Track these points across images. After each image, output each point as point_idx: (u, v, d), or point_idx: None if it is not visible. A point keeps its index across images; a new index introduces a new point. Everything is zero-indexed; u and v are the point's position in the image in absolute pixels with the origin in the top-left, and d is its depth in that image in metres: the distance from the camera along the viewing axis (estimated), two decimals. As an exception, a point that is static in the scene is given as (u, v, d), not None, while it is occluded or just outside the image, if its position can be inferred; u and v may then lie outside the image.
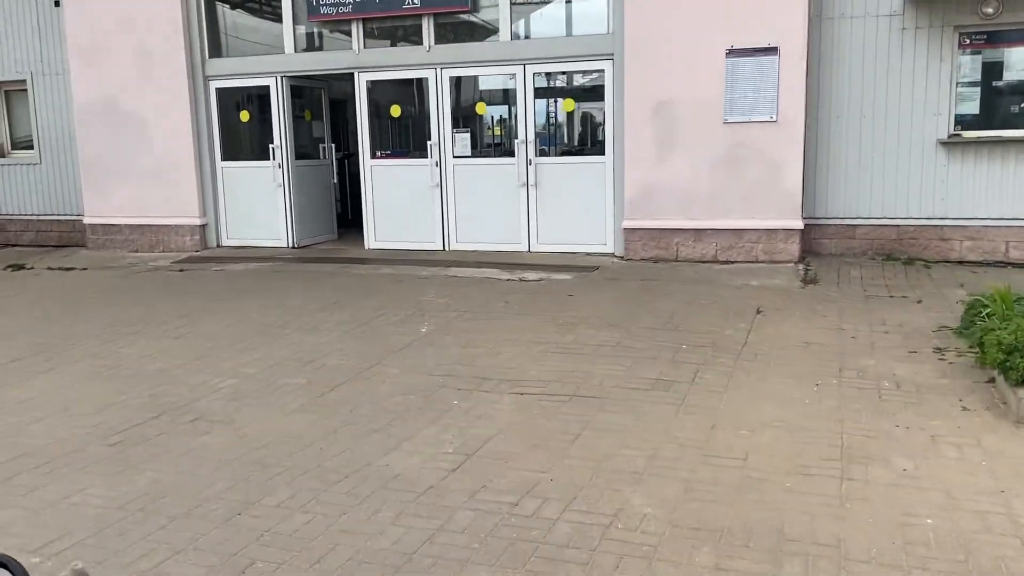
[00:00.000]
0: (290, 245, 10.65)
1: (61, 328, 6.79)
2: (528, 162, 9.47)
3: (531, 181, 9.49)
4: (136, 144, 10.79)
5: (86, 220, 11.30)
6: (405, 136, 10.59)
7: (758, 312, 6.58)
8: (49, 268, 10.06)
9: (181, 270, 9.54)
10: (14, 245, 12.21)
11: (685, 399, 4.64)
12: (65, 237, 11.87)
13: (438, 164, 9.86)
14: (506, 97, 10.00)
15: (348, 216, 12.84)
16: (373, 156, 10.20)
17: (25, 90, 11.79)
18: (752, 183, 8.56)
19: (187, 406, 4.77)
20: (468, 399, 4.75)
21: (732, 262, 8.69)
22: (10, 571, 1.13)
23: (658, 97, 8.74)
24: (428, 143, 9.84)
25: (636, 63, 8.77)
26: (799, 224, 8.54)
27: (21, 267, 10.21)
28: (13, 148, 12.28)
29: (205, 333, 6.45)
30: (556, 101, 9.83)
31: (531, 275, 8.45)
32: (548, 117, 9.88)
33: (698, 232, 8.81)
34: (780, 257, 8.58)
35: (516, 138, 9.50)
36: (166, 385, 5.18)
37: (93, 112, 10.94)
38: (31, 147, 11.96)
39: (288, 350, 5.89)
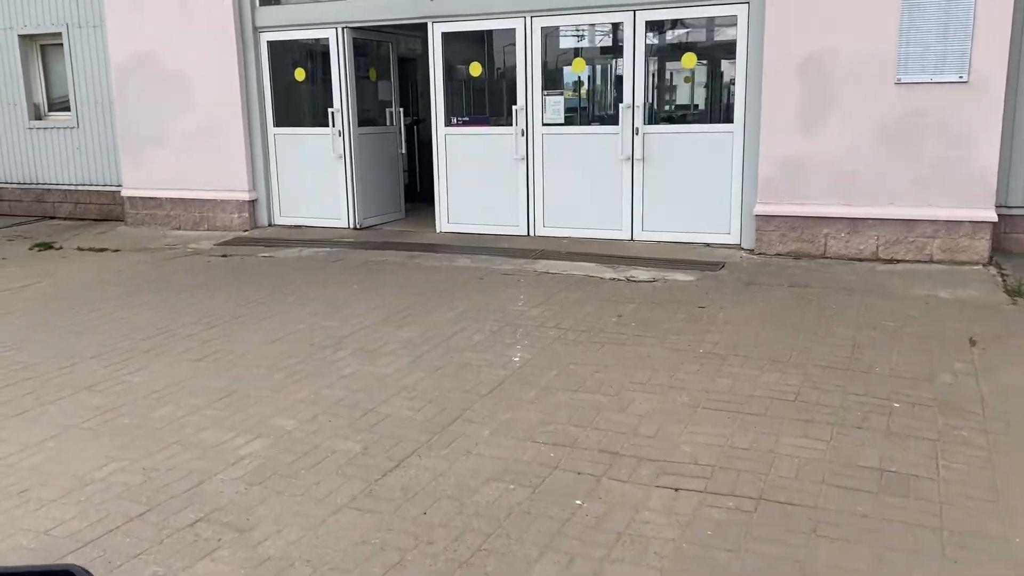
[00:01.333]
0: (351, 225, 9.20)
1: (60, 341, 5.44)
2: (634, 131, 7.77)
3: (637, 154, 7.79)
4: (178, 106, 9.43)
5: (124, 192, 10.05)
6: (485, 100, 8.97)
7: (972, 343, 4.81)
8: (79, 249, 8.82)
9: (224, 255, 8.17)
10: (52, 217, 11.09)
11: (942, 515, 2.98)
12: (105, 210, 10.68)
13: (524, 133, 8.22)
14: (610, 52, 8.27)
15: (417, 189, 11.36)
16: (448, 123, 8.61)
17: (61, 44, 10.55)
18: (930, 161, 6.70)
19: (190, 493, 3.31)
20: (596, 494, 3.18)
21: (898, 261, 6.87)
22: None
23: (807, 49, 6.91)
24: (513, 108, 8.21)
25: (779, 5, 6.94)
26: (992, 215, 6.65)
27: (49, 246, 9.00)
28: (50, 109, 11.10)
29: (237, 354, 5.01)
30: (671, 56, 8.06)
31: (641, 273, 6.80)
32: (661, 76, 8.12)
33: (854, 222, 7.00)
34: (963, 257, 6.73)
35: (621, 102, 7.80)
36: (169, 448, 3.73)
37: (130, 70, 9.61)
38: (68, 108, 10.75)
39: (340, 387, 4.40)
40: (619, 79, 7.92)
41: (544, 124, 8.16)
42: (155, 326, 5.68)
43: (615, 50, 8.07)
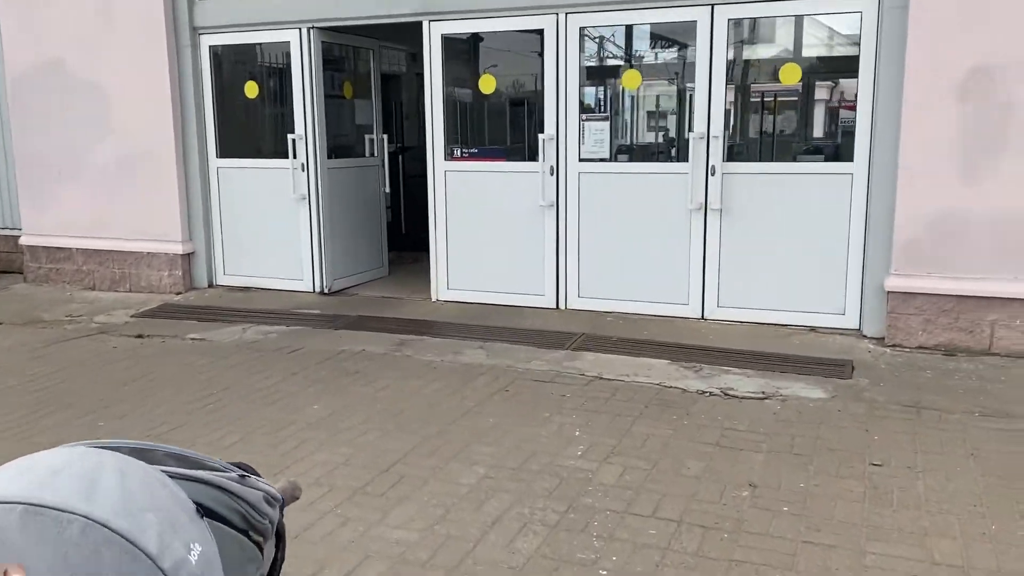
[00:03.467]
0: (317, 289, 6.97)
1: None
2: (709, 170, 5.65)
3: (713, 202, 5.66)
4: (94, 130, 7.19)
5: (23, 240, 7.75)
6: (503, 126, 6.83)
7: None
8: (-54, 321, 6.52)
9: (139, 335, 5.90)
10: (-61, 268, 8.74)
11: None
12: (5, 260, 8.37)
13: (554, 171, 6.07)
14: (676, 62, 6.17)
15: (402, 230, 9.18)
16: (449, 156, 6.44)
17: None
18: None
19: None
20: None
21: (1107, 365, 4.78)
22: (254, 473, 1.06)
23: (971, 61, 4.85)
24: (539, 138, 6.06)
25: (926, 2, 4.89)
26: None
27: (-90, 316, 6.68)
28: (-61, 133, 8.79)
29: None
30: (763, 70, 5.97)
31: (738, 380, 4.64)
32: (747, 97, 6.02)
33: (1040, 307, 4.91)
34: None
35: (690, 131, 5.69)
36: None
37: (32, 82, 7.36)
38: (-41, 132, 8.46)
39: None
40: (688, 99, 5.81)
41: (582, 160, 6.02)
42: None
43: (683, 60, 5.97)
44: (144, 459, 0.95)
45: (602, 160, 6.00)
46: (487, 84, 6.47)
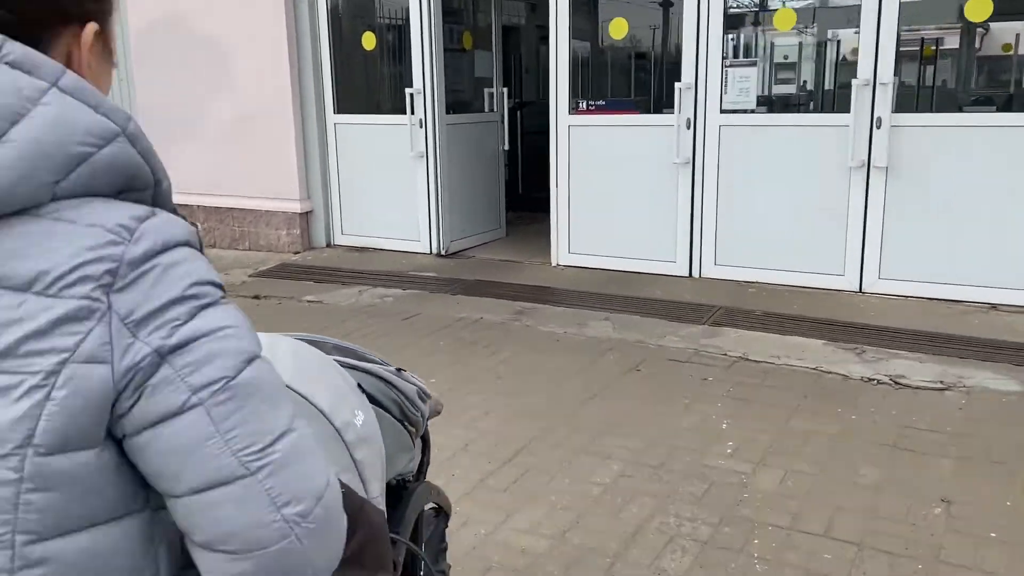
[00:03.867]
0: (434, 251, 6.67)
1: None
2: (875, 123, 4.93)
3: (877, 159, 4.96)
4: (211, 85, 7.09)
5: (148, 199, 7.80)
6: (630, 76, 6.26)
7: None
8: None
9: (256, 296, 5.77)
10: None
11: None
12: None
13: (691, 124, 5.49)
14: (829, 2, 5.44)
15: (519, 190, 8.79)
16: (573, 110, 5.94)
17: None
18: None
19: None
20: None
21: None
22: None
23: None
24: (676, 87, 5.47)
25: None
26: None
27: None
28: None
29: None
30: (943, 5, 5.17)
31: (909, 366, 4.01)
32: (910, 41, 5.23)
33: None
34: None
35: (855, 77, 4.97)
36: None
37: (153, 38, 7.31)
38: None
39: None
40: (835, 46, 5.09)
41: (723, 111, 5.40)
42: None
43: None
44: (315, 346, 1.03)
45: (746, 111, 5.37)
46: (618, 29, 5.90)
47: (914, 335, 4.43)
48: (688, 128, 5.50)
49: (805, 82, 5.89)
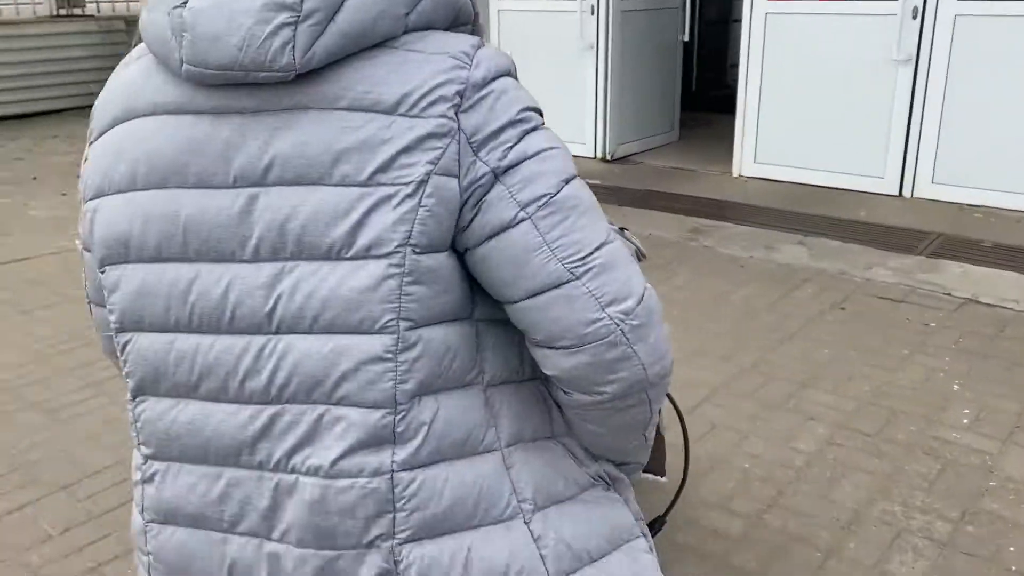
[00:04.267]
0: (599, 155, 6.13)
1: None
2: None
3: None
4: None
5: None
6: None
7: None
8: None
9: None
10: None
11: None
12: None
13: (917, 13, 4.57)
14: None
15: (692, 88, 8.00)
16: (771, -7, 5.10)
17: None
18: None
19: None
20: None
21: None
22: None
23: None
24: (904, -35, 4.54)
25: None
26: None
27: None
28: None
29: None
30: None
31: None
32: None
33: None
34: None
35: None
36: None
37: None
38: None
39: None
40: None
41: (963, -3, 4.46)
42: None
43: None
44: None
45: (995, -2, 4.39)
46: None
47: None
48: (914, 17, 4.59)
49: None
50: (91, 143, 1.02)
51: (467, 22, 0.99)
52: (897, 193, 4.89)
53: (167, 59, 0.91)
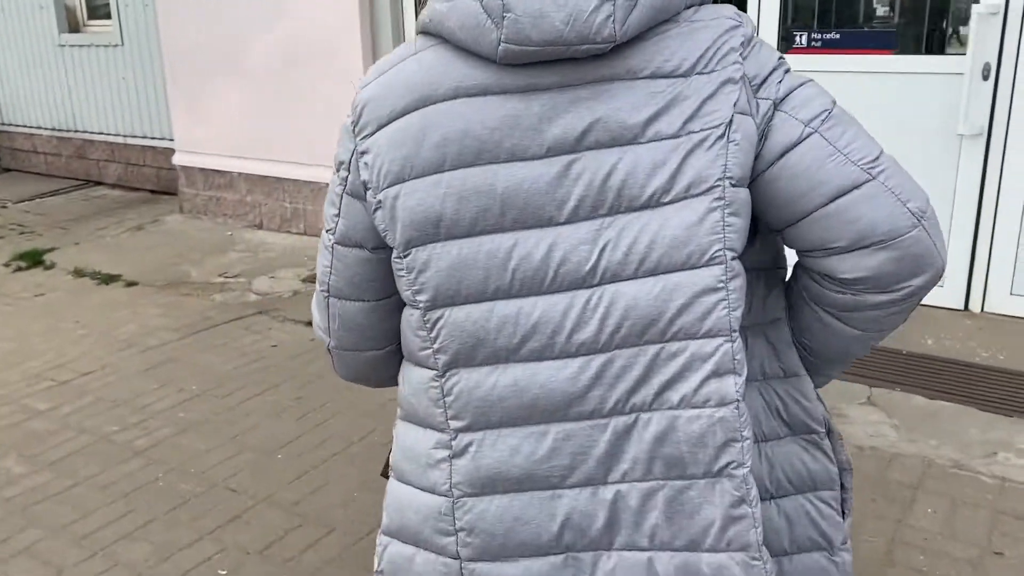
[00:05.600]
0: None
1: None
2: None
3: None
4: (255, 16, 5.22)
5: (176, 159, 6.05)
6: (869, 3, 4.15)
7: None
8: (76, 272, 4.92)
9: (310, 324, 4.01)
10: (97, 183, 7.34)
11: None
12: (164, 179, 6.77)
13: (989, 73, 3.41)
14: None
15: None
16: (787, 46, 3.89)
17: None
18: None
19: None
20: None
21: None
22: None
23: None
24: (974, 10, 3.37)
25: None
26: None
27: (38, 261, 5.16)
28: (90, 17, 7.21)
29: None
30: None
31: None
32: None
33: None
34: None
35: None
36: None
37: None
38: (109, 15, 6.80)
39: None
40: None
41: (1059, 53, 3.30)
42: None
43: None
44: None
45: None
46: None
47: None
48: (985, 78, 3.42)
49: None
50: (364, 137, 1.07)
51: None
52: (962, 306, 3.69)
53: (477, 42, 0.98)
